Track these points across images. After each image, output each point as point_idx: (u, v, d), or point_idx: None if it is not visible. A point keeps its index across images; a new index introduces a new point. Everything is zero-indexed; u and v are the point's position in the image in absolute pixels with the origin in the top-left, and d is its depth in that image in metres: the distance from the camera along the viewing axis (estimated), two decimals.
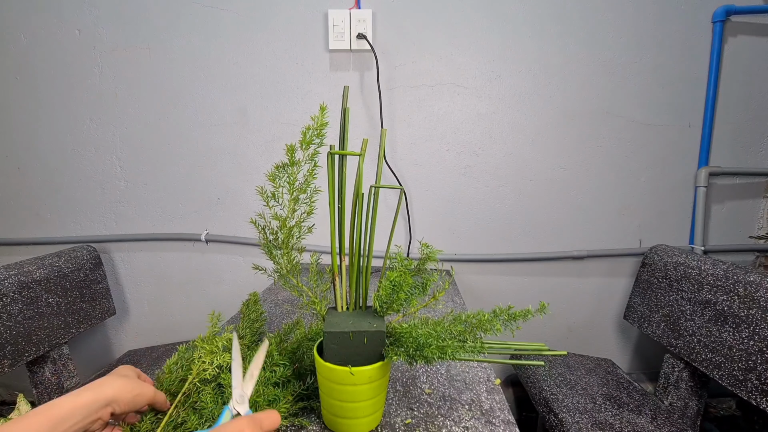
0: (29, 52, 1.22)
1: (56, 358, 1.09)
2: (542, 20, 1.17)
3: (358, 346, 0.47)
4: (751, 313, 0.83)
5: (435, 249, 0.50)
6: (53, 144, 1.28)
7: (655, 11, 1.16)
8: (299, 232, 0.53)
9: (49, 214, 1.34)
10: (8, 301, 0.94)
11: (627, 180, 1.26)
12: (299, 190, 0.51)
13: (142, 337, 1.42)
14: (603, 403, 0.99)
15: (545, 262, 1.31)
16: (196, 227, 1.32)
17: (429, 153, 1.25)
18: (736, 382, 0.84)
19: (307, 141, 0.48)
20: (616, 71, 1.20)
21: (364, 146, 0.49)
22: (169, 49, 1.21)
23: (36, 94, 1.25)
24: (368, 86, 1.21)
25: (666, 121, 1.23)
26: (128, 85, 1.24)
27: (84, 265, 1.18)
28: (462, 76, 1.21)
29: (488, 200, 1.28)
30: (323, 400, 0.51)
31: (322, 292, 0.54)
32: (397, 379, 0.65)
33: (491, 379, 0.65)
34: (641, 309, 1.15)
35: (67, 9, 1.20)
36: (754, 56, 1.20)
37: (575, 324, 1.37)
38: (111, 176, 1.30)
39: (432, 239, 1.30)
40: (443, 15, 1.17)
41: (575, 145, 1.24)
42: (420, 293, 0.50)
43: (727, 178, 1.27)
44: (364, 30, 1.14)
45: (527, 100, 1.22)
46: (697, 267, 0.98)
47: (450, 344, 0.47)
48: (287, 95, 1.23)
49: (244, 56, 1.21)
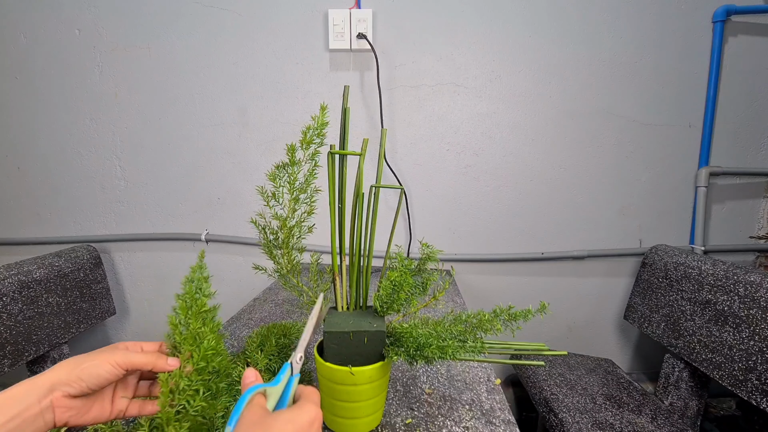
0: (29, 52, 1.22)
1: (56, 358, 1.09)
2: (542, 20, 1.17)
3: (358, 346, 0.47)
4: (751, 313, 0.83)
5: (435, 249, 0.50)
6: (53, 144, 1.28)
7: (655, 11, 1.16)
8: (299, 232, 0.53)
9: (49, 214, 1.34)
10: (8, 300, 0.94)
11: (627, 180, 1.26)
12: (299, 189, 0.50)
13: (142, 337, 1.42)
14: (603, 403, 0.99)
15: (545, 262, 1.31)
16: (196, 227, 1.32)
17: (429, 153, 1.25)
18: (736, 382, 0.84)
19: (308, 141, 0.48)
20: (616, 71, 1.20)
21: (364, 146, 0.49)
22: (169, 49, 1.21)
23: (36, 94, 1.25)
24: (368, 86, 1.21)
25: (666, 121, 1.23)
26: (128, 85, 1.24)
27: (84, 265, 1.18)
28: (462, 76, 1.21)
29: (488, 200, 1.28)
30: (323, 400, 0.51)
31: (322, 292, 0.54)
32: (397, 379, 0.65)
33: (491, 379, 0.65)
34: (641, 309, 1.15)
35: (67, 9, 1.20)
36: (754, 56, 1.20)
37: (575, 324, 1.37)
38: (111, 176, 1.30)
39: (432, 239, 1.29)
40: (443, 15, 1.17)
41: (575, 145, 1.24)
42: (420, 293, 0.50)
43: (727, 178, 1.26)
44: (364, 30, 1.14)
45: (527, 100, 1.21)
46: (697, 267, 0.98)
47: (450, 344, 0.47)
48: (287, 95, 1.23)
49: (244, 56, 1.21)
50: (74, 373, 0.37)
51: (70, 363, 0.38)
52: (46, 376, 0.37)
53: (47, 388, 0.36)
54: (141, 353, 0.41)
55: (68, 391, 0.37)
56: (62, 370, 0.37)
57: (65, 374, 0.37)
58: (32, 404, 0.35)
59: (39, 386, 0.36)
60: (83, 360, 0.38)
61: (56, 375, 0.37)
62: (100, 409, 0.41)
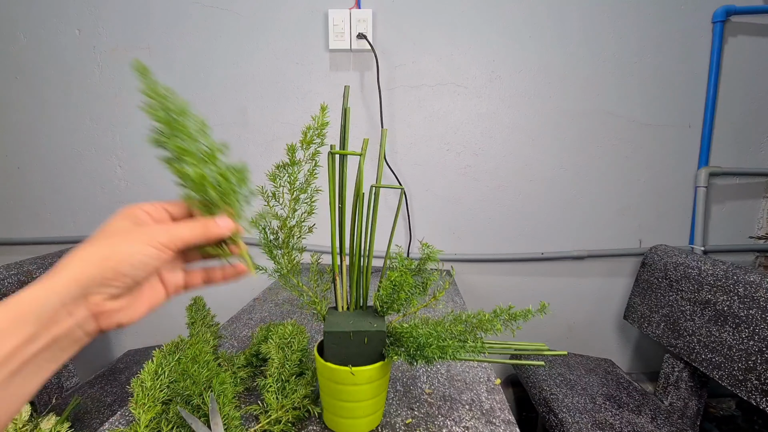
0: (29, 52, 1.22)
1: None
2: (542, 20, 1.17)
3: (358, 346, 0.47)
4: (751, 313, 0.83)
5: (435, 249, 0.50)
6: (53, 144, 1.28)
7: (655, 11, 1.16)
8: (300, 232, 0.53)
9: (49, 214, 1.34)
10: None
11: (627, 180, 1.26)
12: (300, 189, 0.50)
13: (142, 337, 1.42)
14: (603, 403, 0.99)
15: (545, 262, 1.31)
16: None
17: (429, 153, 1.25)
18: (736, 382, 0.84)
19: (308, 141, 0.48)
20: (616, 71, 1.20)
21: (364, 146, 0.49)
22: (169, 49, 1.21)
23: (36, 94, 1.25)
24: (368, 86, 1.21)
25: (666, 121, 1.23)
26: (128, 85, 1.24)
27: None
28: (462, 76, 1.21)
29: (488, 200, 1.28)
30: (324, 400, 0.51)
31: (322, 292, 0.54)
32: (397, 379, 0.65)
33: (491, 379, 0.65)
34: (641, 309, 1.15)
35: (67, 9, 1.20)
36: (754, 56, 1.20)
37: (575, 324, 1.37)
38: (111, 176, 1.30)
39: (432, 239, 1.29)
40: (443, 15, 1.17)
41: (575, 145, 1.24)
42: (420, 293, 0.50)
43: (727, 178, 1.27)
44: (364, 30, 1.14)
45: (527, 100, 1.22)
46: (697, 267, 0.98)
47: (450, 344, 0.47)
48: (287, 95, 1.23)
49: (244, 56, 1.21)
50: (109, 266, 0.27)
51: (94, 252, 0.28)
52: (68, 275, 0.26)
53: (76, 293, 0.26)
54: (182, 224, 0.32)
55: (110, 291, 0.28)
56: (89, 264, 0.27)
57: (98, 270, 0.27)
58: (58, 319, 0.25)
59: (61, 292, 0.25)
60: (112, 246, 0.28)
61: (84, 273, 0.26)
62: (151, 292, 0.32)
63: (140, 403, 0.45)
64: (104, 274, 0.27)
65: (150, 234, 0.29)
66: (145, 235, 0.29)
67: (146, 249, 0.29)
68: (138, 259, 0.28)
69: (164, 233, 0.30)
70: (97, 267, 0.27)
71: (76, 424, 0.90)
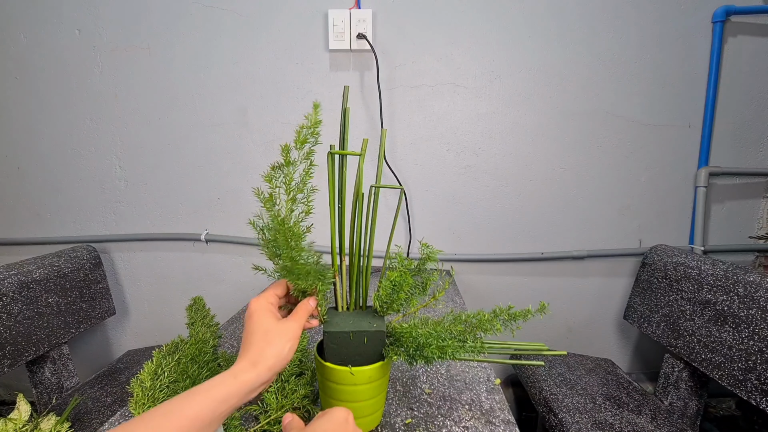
0: (29, 52, 1.22)
1: (56, 358, 1.09)
2: (542, 20, 1.17)
3: (358, 346, 0.47)
4: (751, 313, 0.83)
5: (435, 249, 0.50)
6: (53, 144, 1.28)
7: (655, 11, 1.16)
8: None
9: (49, 214, 1.34)
10: (8, 301, 0.94)
11: (627, 180, 1.26)
12: (296, 189, 0.50)
13: (142, 337, 1.42)
14: (603, 403, 0.99)
15: (545, 262, 1.31)
16: (195, 227, 1.32)
17: (429, 153, 1.25)
18: (736, 382, 0.84)
19: (302, 140, 0.48)
20: (616, 71, 1.20)
21: (364, 146, 0.49)
22: (169, 49, 1.21)
23: (36, 94, 1.25)
24: (368, 86, 1.21)
25: (666, 121, 1.23)
26: (128, 85, 1.24)
27: (84, 265, 1.18)
28: (462, 76, 1.21)
29: (488, 200, 1.28)
30: (323, 400, 0.51)
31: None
32: (397, 379, 0.65)
33: (491, 379, 0.65)
34: (641, 309, 1.15)
35: (67, 9, 1.20)
36: (754, 56, 1.20)
37: (575, 324, 1.37)
38: (111, 176, 1.30)
39: (432, 239, 1.30)
40: (443, 15, 1.17)
41: (575, 145, 1.24)
42: (420, 293, 0.50)
43: (727, 178, 1.27)
44: (364, 30, 1.14)
45: (527, 100, 1.22)
46: (697, 267, 0.98)
47: (450, 344, 0.47)
48: (287, 95, 1.23)
49: (244, 56, 1.21)
50: (275, 372, 0.40)
51: (267, 362, 0.39)
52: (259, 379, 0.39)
53: (257, 389, 0.39)
54: (300, 315, 0.45)
55: (265, 388, 0.41)
56: (268, 371, 0.39)
57: (270, 376, 0.40)
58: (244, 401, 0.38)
59: (252, 390, 0.39)
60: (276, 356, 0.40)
61: (260, 378, 0.39)
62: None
63: (140, 403, 0.45)
64: (272, 378, 0.41)
65: (292, 331, 0.43)
66: (290, 332, 0.42)
67: (291, 343, 0.42)
68: (289, 355, 0.41)
69: (297, 326, 0.43)
70: (271, 373, 0.40)
71: (76, 424, 0.90)
